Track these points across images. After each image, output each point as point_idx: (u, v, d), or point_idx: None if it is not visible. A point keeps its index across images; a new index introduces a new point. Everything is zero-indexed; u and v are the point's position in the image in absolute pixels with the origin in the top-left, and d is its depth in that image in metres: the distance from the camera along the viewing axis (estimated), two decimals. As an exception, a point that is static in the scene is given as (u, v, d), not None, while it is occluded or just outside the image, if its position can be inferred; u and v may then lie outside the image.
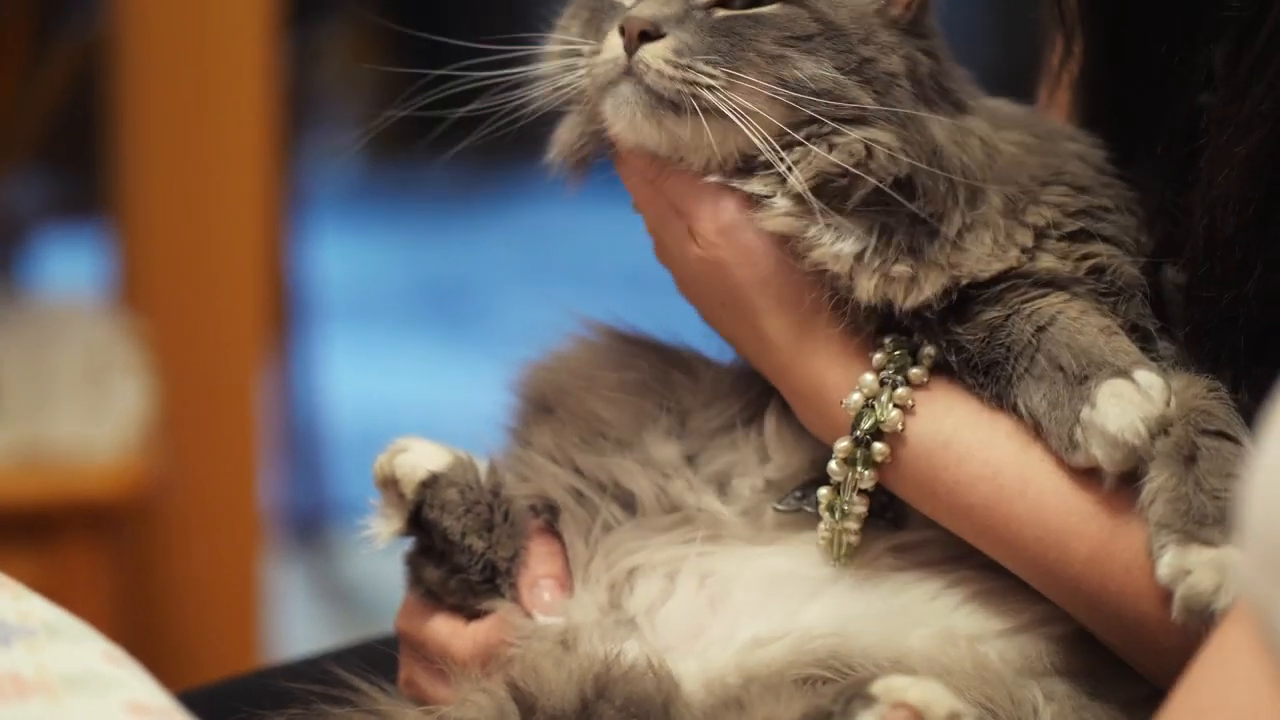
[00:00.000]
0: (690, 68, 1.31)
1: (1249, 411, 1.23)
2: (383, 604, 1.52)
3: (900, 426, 1.31)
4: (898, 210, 1.31)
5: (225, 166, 2.92)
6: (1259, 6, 1.27)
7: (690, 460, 1.40)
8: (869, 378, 1.32)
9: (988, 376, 1.31)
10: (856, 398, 1.32)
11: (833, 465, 1.32)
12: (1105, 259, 1.33)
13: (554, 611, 1.38)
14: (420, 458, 1.39)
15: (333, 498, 4.09)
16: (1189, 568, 1.18)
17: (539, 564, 1.39)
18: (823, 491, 1.33)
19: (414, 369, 5.07)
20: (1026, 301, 1.32)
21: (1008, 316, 1.31)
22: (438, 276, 6.14)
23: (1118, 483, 1.25)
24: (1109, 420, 1.24)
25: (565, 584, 1.39)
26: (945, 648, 1.30)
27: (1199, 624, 1.17)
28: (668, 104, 1.32)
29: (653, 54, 1.31)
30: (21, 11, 3.14)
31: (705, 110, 1.31)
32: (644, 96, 1.32)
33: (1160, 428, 1.24)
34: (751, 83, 1.31)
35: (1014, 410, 1.30)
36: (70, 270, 3.66)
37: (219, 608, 3.00)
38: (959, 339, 1.32)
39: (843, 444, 1.32)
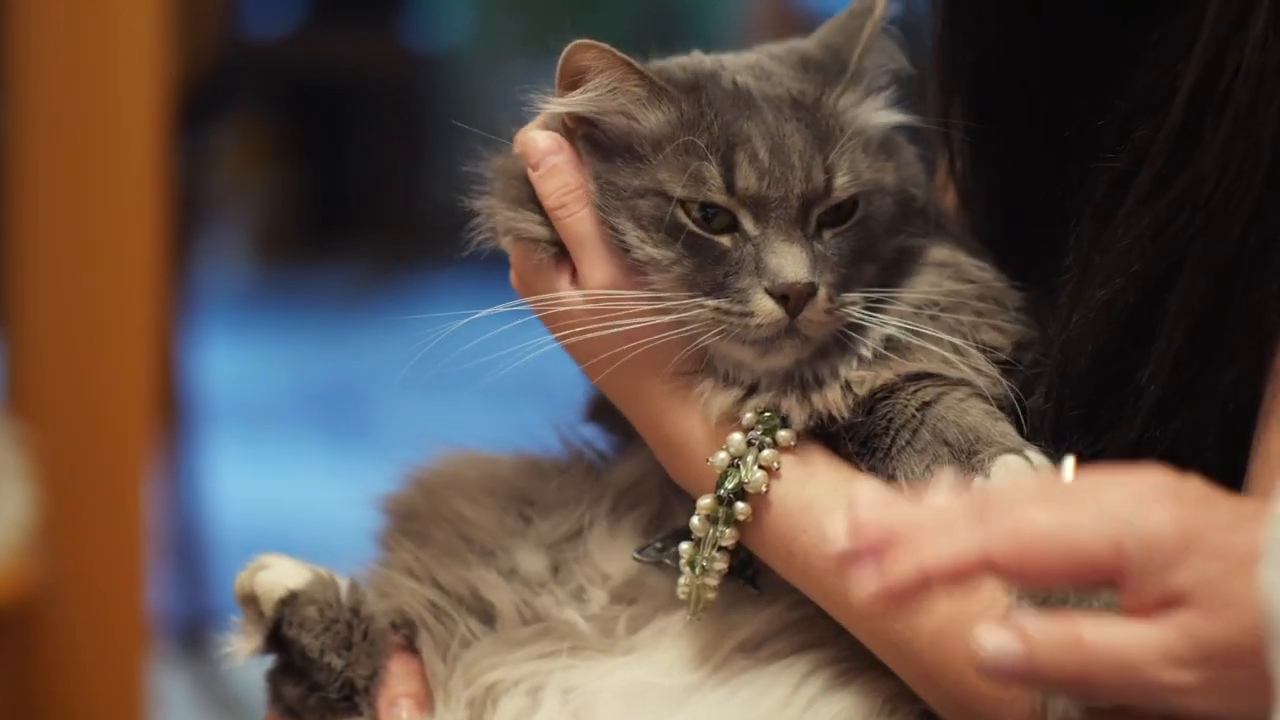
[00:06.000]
0: (840, 306, 1.32)
1: None
2: (267, 712, 1.52)
3: (764, 488, 1.32)
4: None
5: (115, 272, 2.91)
6: (1134, 159, 1.29)
7: (555, 572, 1.41)
8: (737, 437, 1.33)
9: (864, 448, 1.33)
10: (723, 456, 1.32)
11: (695, 521, 1.33)
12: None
13: None
14: (280, 575, 1.39)
15: (218, 604, 4.05)
16: None
17: (397, 683, 1.40)
18: (684, 546, 1.34)
19: (302, 475, 5.05)
20: (908, 381, 1.34)
21: (891, 391, 1.33)
22: (327, 382, 6.13)
23: None
24: None
25: (424, 703, 1.39)
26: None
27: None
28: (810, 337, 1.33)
29: (815, 311, 1.31)
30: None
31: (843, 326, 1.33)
32: (802, 344, 1.32)
33: None
34: (875, 291, 1.34)
35: (890, 481, 1.31)
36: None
37: (103, 715, 2.97)
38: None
39: (705, 501, 1.33)
